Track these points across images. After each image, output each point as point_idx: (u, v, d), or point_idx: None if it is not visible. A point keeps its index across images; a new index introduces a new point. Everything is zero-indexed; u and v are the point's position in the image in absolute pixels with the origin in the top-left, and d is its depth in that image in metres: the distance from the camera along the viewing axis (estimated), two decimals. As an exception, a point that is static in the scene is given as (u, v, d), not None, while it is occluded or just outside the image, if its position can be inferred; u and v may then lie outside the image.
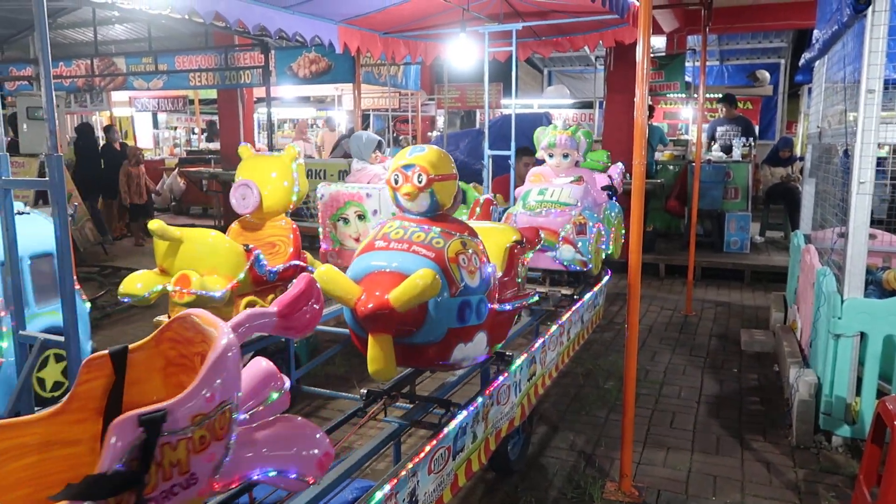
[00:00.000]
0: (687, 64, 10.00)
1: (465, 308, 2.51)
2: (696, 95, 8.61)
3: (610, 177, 5.20)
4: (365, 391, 2.94)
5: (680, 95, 10.69)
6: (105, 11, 9.84)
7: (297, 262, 3.88)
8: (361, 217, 4.73)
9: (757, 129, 13.72)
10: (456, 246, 2.56)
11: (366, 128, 12.95)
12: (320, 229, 4.62)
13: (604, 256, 4.80)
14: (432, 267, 2.40)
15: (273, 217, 3.92)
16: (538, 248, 3.67)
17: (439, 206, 2.68)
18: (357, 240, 4.74)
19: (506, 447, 3.31)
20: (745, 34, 13.05)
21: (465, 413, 2.71)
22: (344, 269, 2.56)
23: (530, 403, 3.50)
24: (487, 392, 2.92)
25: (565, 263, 4.40)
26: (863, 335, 3.58)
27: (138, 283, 3.23)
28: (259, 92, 11.13)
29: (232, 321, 1.47)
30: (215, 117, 16.37)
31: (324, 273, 2.34)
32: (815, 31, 5.09)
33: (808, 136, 6.36)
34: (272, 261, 3.76)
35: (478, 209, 4.07)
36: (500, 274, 2.92)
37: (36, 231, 3.14)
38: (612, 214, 5.02)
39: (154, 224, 3.27)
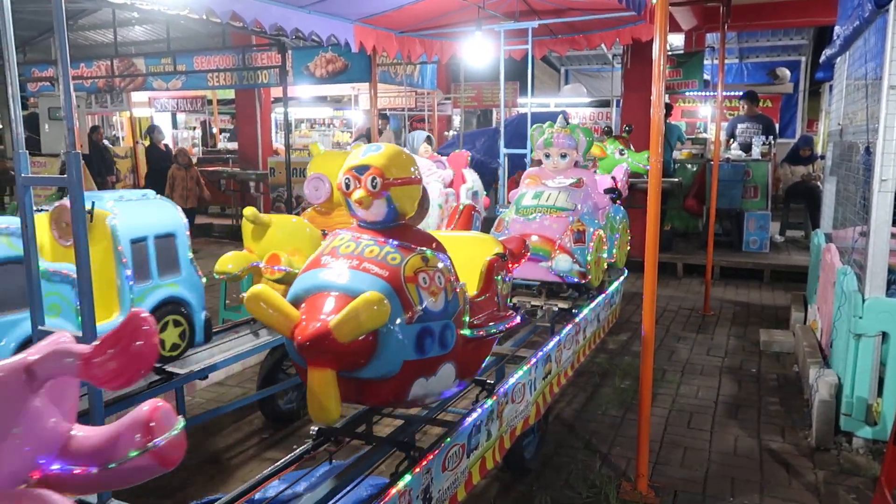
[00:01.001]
0: (705, 62, 9.91)
1: (426, 336, 2.19)
2: (714, 93, 8.53)
3: (613, 178, 4.86)
4: (315, 429, 2.60)
5: (698, 93, 10.60)
6: (125, 13, 9.96)
7: None
8: None
9: (777, 127, 13.59)
10: (415, 263, 2.25)
11: (382, 128, 12.97)
12: None
13: (605, 266, 4.47)
14: (383, 288, 2.10)
15: (341, 206, 4.31)
16: (525, 260, 3.25)
17: (399, 215, 2.36)
18: None
19: (521, 445, 3.30)
20: (764, 31, 12.90)
21: (477, 412, 2.70)
22: None
23: (545, 402, 3.49)
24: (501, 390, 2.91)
25: (561, 275, 4.02)
26: (884, 335, 3.52)
27: (230, 264, 3.63)
28: (276, 92, 11.20)
29: (28, 359, 1.20)
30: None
31: (256, 294, 2.05)
32: (836, 27, 5.02)
33: (829, 134, 6.28)
34: None
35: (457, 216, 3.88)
36: (475, 293, 2.61)
37: (160, 214, 3.52)
38: (617, 219, 4.68)
39: (248, 210, 3.75)
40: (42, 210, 2.73)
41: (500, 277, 2.78)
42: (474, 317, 2.48)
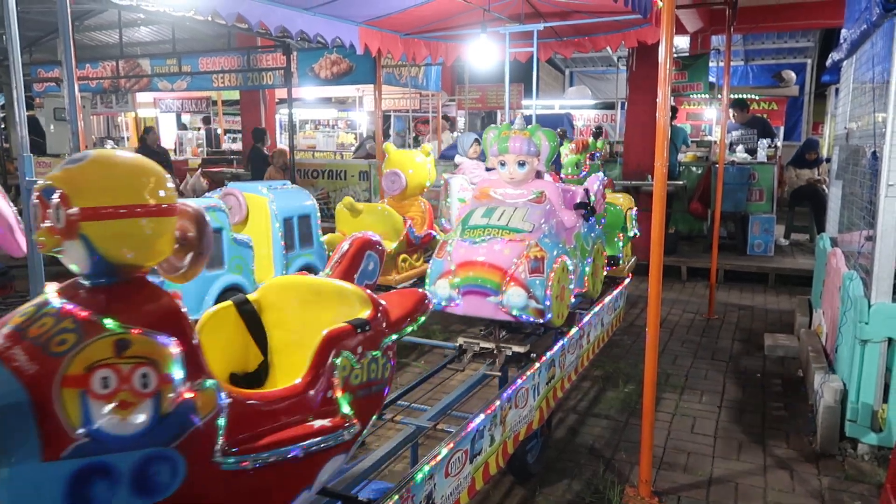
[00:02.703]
0: (711, 64, 9.90)
1: (94, 479, 1.31)
2: (719, 96, 8.51)
3: (586, 190, 4.04)
4: None
5: (703, 96, 10.57)
6: (130, 14, 9.99)
7: (430, 231, 5.44)
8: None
9: (781, 130, 13.53)
10: (97, 352, 1.33)
11: (387, 129, 13.00)
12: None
13: (572, 299, 3.64)
14: (12, 398, 1.27)
15: (412, 197, 5.36)
16: (411, 329, 2.16)
17: (111, 268, 1.45)
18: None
19: (524, 450, 3.29)
20: (770, 34, 12.89)
21: (482, 417, 2.69)
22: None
23: (549, 407, 3.48)
24: (505, 395, 2.90)
25: (514, 313, 3.22)
26: (890, 341, 3.51)
27: (326, 244, 4.58)
28: (281, 93, 11.22)
29: None
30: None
31: None
32: (843, 31, 5.00)
33: (835, 138, 6.26)
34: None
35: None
36: (296, 382, 1.75)
37: (300, 199, 4.66)
38: (589, 240, 3.96)
39: (346, 200, 4.80)
40: None
41: (348, 358, 1.87)
42: (263, 428, 1.61)
